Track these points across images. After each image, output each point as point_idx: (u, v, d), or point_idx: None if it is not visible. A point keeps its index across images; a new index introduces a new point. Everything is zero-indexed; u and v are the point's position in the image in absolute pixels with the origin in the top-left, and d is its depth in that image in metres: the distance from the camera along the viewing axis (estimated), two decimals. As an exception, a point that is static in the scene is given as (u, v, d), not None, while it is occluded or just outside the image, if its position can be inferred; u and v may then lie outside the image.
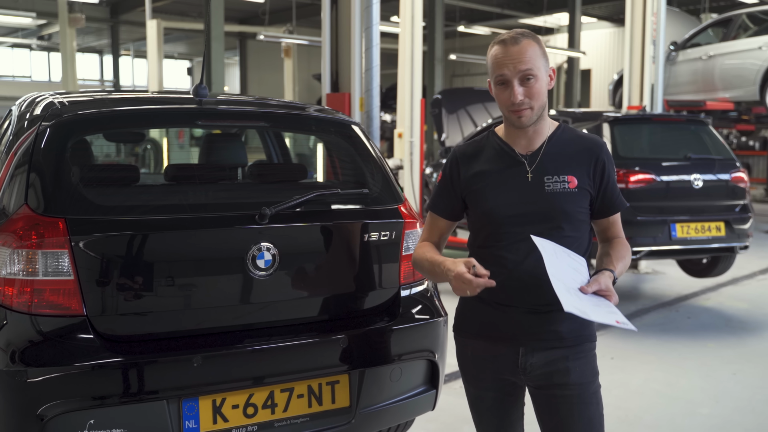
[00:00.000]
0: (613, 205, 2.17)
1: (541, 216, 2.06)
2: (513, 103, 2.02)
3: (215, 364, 2.34)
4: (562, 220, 2.07)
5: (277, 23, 20.26)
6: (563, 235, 2.06)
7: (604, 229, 2.20)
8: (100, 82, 32.72)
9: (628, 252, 2.17)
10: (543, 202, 2.07)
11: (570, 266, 2.00)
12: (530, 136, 2.12)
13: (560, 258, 1.99)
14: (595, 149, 2.13)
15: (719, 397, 4.33)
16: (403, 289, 2.76)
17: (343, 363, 2.54)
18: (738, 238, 6.07)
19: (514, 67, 2.00)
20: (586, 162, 2.10)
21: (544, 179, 2.08)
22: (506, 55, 2.01)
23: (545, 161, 2.10)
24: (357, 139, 2.93)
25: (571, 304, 1.87)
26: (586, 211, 2.13)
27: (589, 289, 1.95)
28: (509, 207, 2.09)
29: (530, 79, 2.01)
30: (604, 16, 23.44)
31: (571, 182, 2.08)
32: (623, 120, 6.33)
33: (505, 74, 2.02)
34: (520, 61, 2.00)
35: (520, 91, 2.01)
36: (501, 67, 2.02)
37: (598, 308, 1.92)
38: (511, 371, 2.13)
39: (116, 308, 2.30)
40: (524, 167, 2.10)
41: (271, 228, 2.45)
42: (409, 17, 6.91)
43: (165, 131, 9.52)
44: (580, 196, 2.09)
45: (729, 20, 10.37)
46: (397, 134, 7.32)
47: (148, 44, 13.80)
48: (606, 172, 2.13)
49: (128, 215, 2.36)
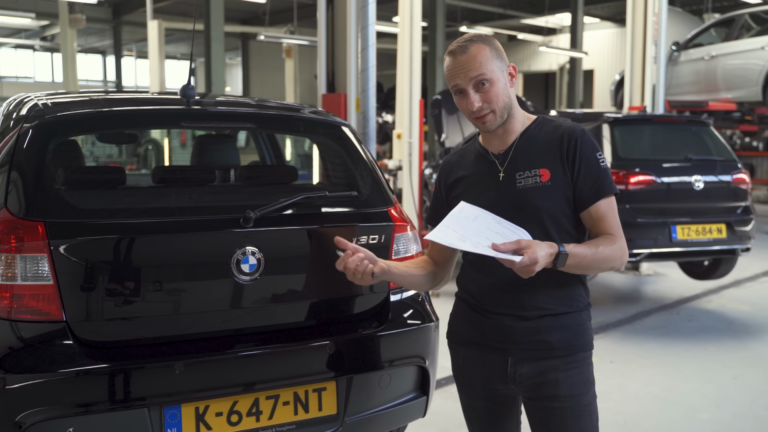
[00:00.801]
0: (591, 192, 1.97)
1: (515, 214, 1.97)
2: (471, 111, 1.98)
3: (198, 370, 2.29)
4: (541, 217, 1.97)
5: (279, 24, 20.26)
6: (544, 232, 1.96)
7: (590, 225, 2.01)
8: (103, 82, 32.76)
9: (609, 245, 1.95)
10: (516, 200, 1.99)
11: (492, 229, 1.86)
12: (501, 136, 2.07)
13: (481, 221, 1.89)
14: (566, 135, 2.00)
15: (720, 402, 4.28)
16: (392, 294, 2.71)
17: (331, 369, 2.49)
18: (739, 240, 6.02)
19: (465, 75, 1.96)
20: (559, 151, 1.99)
21: (515, 176, 2.01)
22: (456, 65, 1.98)
23: (516, 157, 2.03)
24: (347, 141, 2.88)
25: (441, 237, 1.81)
26: (570, 207, 2.01)
27: (503, 247, 1.78)
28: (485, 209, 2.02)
29: (484, 84, 1.97)
30: (606, 16, 23.38)
31: (543, 175, 1.98)
32: (623, 121, 6.28)
33: (458, 84, 1.99)
34: (470, 68, 1.96)
35: (476, 98, 1.97)
36: (454, 78, 1.99)
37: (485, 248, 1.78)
38: (501, 381, 2.08)
39: (97, 314, 2.25)
40: (496, 166, 2.05)
41: (256, 231, 2.40)
42: (408, 17, 6.86)
43: (166, 132, 9.50)
44: (556, 189, 1.97)
45: (731, 20, 10.31)
46: (396, 135, 7.28)
47: (149, 45, 13.78)
48: (578, 156, 1.97)
49: (110, 218, 2.31)
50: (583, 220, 2.03)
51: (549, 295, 2.00)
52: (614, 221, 2.01)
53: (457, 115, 9.29)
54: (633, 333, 5.83)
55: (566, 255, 1.86)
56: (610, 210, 2.01)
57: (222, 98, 3.17)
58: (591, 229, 2.04)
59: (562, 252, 1.85)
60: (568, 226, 2.02)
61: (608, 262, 1.97)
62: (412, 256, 2.75)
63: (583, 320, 2.07)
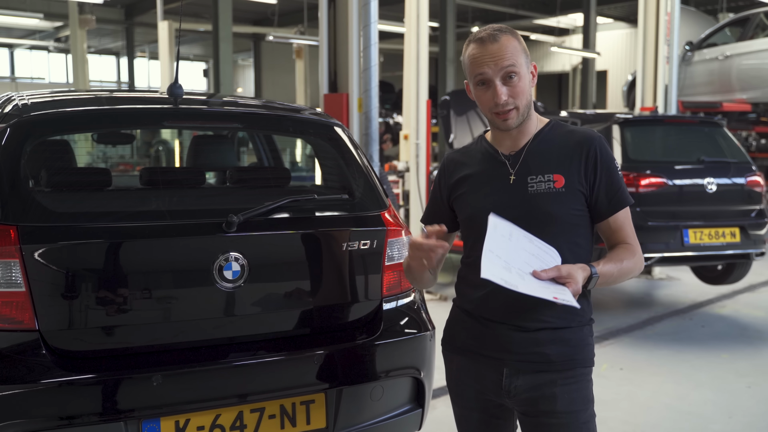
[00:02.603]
0: (610, 204, 1.93)
1: (527, 220, 1.88)
2: (497, 104, 1.87)
3: (178, 381, 2.19)
4: (551, 224, 1.89)
5: (290, 24, 20.22)
6: (556, 242, 1.88)
7: (608, 236, 1.99)
8: (116, 83, 32.93)
9: (631, 258, 1.93)
10: (526, 205, 1.90)
11: (528, 251, 1.79)
12: (515, 136, 1.97)
13: (515, 240, 1.79)
14: (586, 143, 1.92)
15: (732, 412, 4.15)
16: (386, 302, 2.60)
17: (319, 381, 2.39)
18: (754, 244, 5.89)
19: (495, 64, 1.85)
20: (576, 158, 1.91)
21: (527, 180, 1.92)
22: (485, 53, 1.86)
23: (529, 160, 1.93)
24: (339, 142, 2.77)
25: (495, 273, 1.66)
26: (582, 214, 1.93)
27: (545, 275, 1.74)
28: (490, 212, 1.91)
29: (513, 77, 1.86)
30: (619, 16, 23.19)
31: (557, 181, 1.89)
32: (634, 122, 6.16)
33: (485, 73, 1.87)
34: (501, 57, 1.85)
35: (503, 90, 1.86)
36: (481, 66, 1.87)
37: (540, 285, 1.70)
38: (496, 393, 1.98)
39: (72, 322, 2.16)
40: (506, 168, 1.95)
41: (239, 236, 2.30)
42: (414, 16, 6.76)
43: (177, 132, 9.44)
44: (569, 196, 1.89)
45: (746, 19, 10.12)
46: (402, 136, 7.18)
47: (159, 46, 13.78)
48: (599, 167, 1.91)
49: (87, 222, 2.22)
50: (600, 229, 1.98)
51: (551, 308, 1.90)
52: (631, 230, 1.99)
53: (466, 116, 9.17)
54: (644, 339, 5.71)
55: (597, 277, 1.84)
56: (626, 219, 1.98)
57: (211, 98, 3.08)
58: (608, 239, 1.99)
59: (594, 275, 1.83)
60: (577, 234, 1.94)
61: (630, 274, 1.95)
62: None
63: (585, 335, 1.97)
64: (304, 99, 18.00)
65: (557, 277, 1.75)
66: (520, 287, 1.67)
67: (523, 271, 1.73)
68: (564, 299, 1.70)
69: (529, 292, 1.67)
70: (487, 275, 1.65)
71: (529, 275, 1.73)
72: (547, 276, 1.74)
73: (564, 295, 1.71)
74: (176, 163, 9.95)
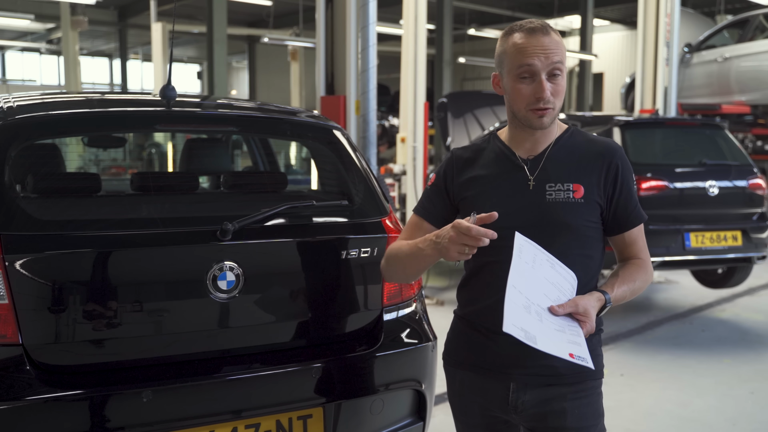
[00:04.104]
0: (627, 220, 1.89)
1: (541, 229, 1.80)
2: (539, 99, 1.77)
3: (170, 397, 2.09)
4: (566, 235, 1.81)
5: (285, 26, 20.13)
6: (568, 252, 1.81)
7: (620, 249, 1.94)
8: (109, 85, 32.79)
9: (643, 275, 1.90)
10: (543, 213, 1.82)
11: (548, 279, 1.74)
12: (537, 139, 1.88)
13: (538, 267, 1.73)
14: (608, 154, 1.85)
15: (736, 420, 4.09)
16: (386, 312, 2.50)
17: (317, 395, 2.29)
18: (755, 247, 5.84)
19: (546, 57, 1.76)
20: (597, 169, 1.84)
21: (545, 187, 1.83)
22: (537, 44, 1.76)
23: (548, 167, 1.85)
24: (338, 146, 2.68)
25: (516, 323, 1.60)
26: (596, 226, 1.86)
27: (561, 311, 1.69)
28: (504, 218, 1.81)
29: (557, 75, 1.78)
30: (616, 18, 23.16)
31: (576, 191, 1.82)
32: (635, 124, 6.11)
33: (534, 65, 1.76)
34: (554, 51, 1.76)
35: (548, 86, 1.77)
36: (529, 56, 1.76)
37: (557, 335, 1.66)
38: (501, 408, 1.89)
39: (57, 336, 2.06)
40: (524, 173, 1.86)
41: (234, 245, 2.21)
42: (413, 18, 6.69)
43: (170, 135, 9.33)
44: (587, 207, 1.82)
45: (745, 21, 10.08)
46: (399, 139, 7.11)
47: (153, 48, 13.71)
48: (619, 181, 1.85)
49: (75, 231, 2.12)
50: (613, 241, 1.93)
51: None
52: (643, 243, 1.95)
53: (463, 119, 9.10)
54: (644, 344, 5.65)
55: (611, 305, 1.82)
56: (640, 233, 1.94)
57: (205, 100, 2.98)
58: (620, 252, 1.95)
59: (608, 304, 1.81)
60: (590, 246, 1.87)
61: (640, 291, 1.91)
62: None
63: (594, 346, 1.89)
64: (299, 101, 17.92)
65: (573, 313, 1.72)
66: (538, 342, 1.62)
67: (541, 307, 1.69)
68: (579, 357, 1.66)
69: (545, 348, 1.63)
70: (509, 329, 1.59)
71: (547, 312, 1.69)
72: (564, 312, 1.71)
73: (579, 350, 1.67)
74: (169, 167, 9.83)
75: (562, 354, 1.63)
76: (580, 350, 1.67)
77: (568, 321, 1.72)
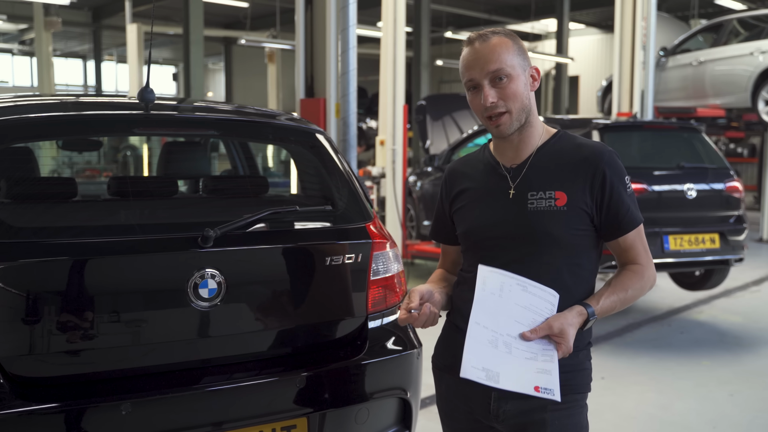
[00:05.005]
0: (619, 225, 1.82)
1: (522, 239, 1.78)
2: (485, 106, 1.78)
3: (149, 410, 2.03)
4: (551, 244, 1.77)
5: (262, 29, 20.00)
6: (554, 262, 1.77)
7: (618, 254, 1.88)
8: (83, 87, 32.36)
9: (638, 283, 1.84)
10: (525, 223, 1.79)
11: (519, 304, 1.71)
12: (517, 147, 1.86)
13: (507, 294, 1.71)
14: (594, 159, 1.80)
15: (717, 422, 4.10)
16: (371, 319, 2.46)
17: (301, 405, 2.24)
18: (733, 250, 5.89)
19: (482, 68, 1.77)
20: (582, 175, 1.80)
21: (527, 196, 1.80)
22: (473, 55, 1.79)
23: (530, 175, 1.82)
24: (321, 150, 2.63)
25: (476, 365, 1.61)
26: (586, 234, 1.81)
27: (534, 336, 1.68)
28: (487, 228, 1.83)
29: (502, 79, 1.77)
30: (592, 22, 23.35)
31: (559, 199, 1.78)
32: (613, 127, 6.14)
33: (474, 78, 1.79)
34: (488, 60, 1.76)
35: (491, 93, 1.76)
36: (469, 70, 1.80)
37: (526, 365, 1.65)
38: (484, 416, 1.87)
39: (32, 347, 1.99)
40: (507, 182, 1.84)
41: (216, 252, 2.15)
42: (392, 20, 6.66)
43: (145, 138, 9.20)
44: (571, 215, 1.78)
45: (720, 25, 10.19)
46: (379, 141, 7.07)
47: (128, 49, 13.54)
48: (608, 186, 1.79)
49: (49, 238, 2.05)
50: (610, 247, 1.88)
51: None
52: (642, 248, 1.88)
53: (442, 122, 9.10)
54: (624, 346, 5.66)
55: (595, 318, 1.77)
56: (638, 237, 1.86)
57: (185, 103, 2.91)
58: (618, 257, 1.89)
59: (591, 318, 1.76)
60: (578, 255, 1.82)
61: (635, 299, 1.86)
62: (392, 276, 2.52)
63: (581, 360, 1.86)
64: (276, 104, 17.81)
65: (550, 335, 1.70)
66: (501, 381, 1.62)
67: (511, 336, 1.67)
68: (546, 389, 1.64)
69: (509, 387, 1.62)
70: (467, 373, 1.61)
71: (518, 341, 1.67)
72: (537, 336, 1.69)
73: (548, 382, 1.65)
74: (145, 170, 9.69)
75: (526, 390, 1.63)
76: (548, 380, 1.65)
77: (543, 344, 1.69)
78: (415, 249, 7.72)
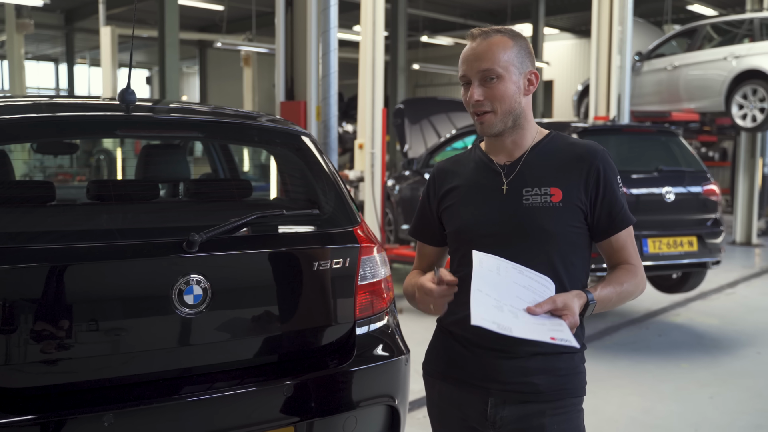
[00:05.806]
0: (613, 223, 1.81)
1: (518, 235, 1.77)
2: (469, 103, 1.79)
3: (133, 421, 1.97)
4: (546, 240, 1.76)
5: (237, 32, 19.86)
6: (548, 259, 1.76)
7: (609, 255, 1.86)
8: (55, 90, 31.88)
9: (632, 279, 1.81)
10: (519, 219, 1.77)
11: (518, 283, 1.67)
12: (509, 147, 1.85)
13: (504, 274, 1.67)
14: (588, 156, 1.80)
15: (698, 425, 4.13)
16: (358, 326, 2.42)
17: (288, 413, 2.19)
18: (710, 253, 5.95)
19: (473, 66, 1.78)
20: (577, 172, 1.79)
21: (522, 192, 1.79)
22: (469, 52, 1.80)
23: (525, 171, 1.81)
24: (307, 152, 2.58)
25: (486, 316, 1.54)
26: (579, 232, 1.80)
27: (539, 310, 1.61)
28: (482, 225, 1.81)
29: (492, 80, 1.76)
30: (566, 27, 23.56)
31: (554, 195, 1.77)
32: (591, 131, 6.17)
33: (465, 73, 1.80)
34: (482, 59, 1.77)
35: (478, 91, 1.77)
36: (463, 65, 1.81)
37: (536, 325, 1.58)
38: (479, 422, 1.84)
39: (9, 357, 1.92)
40: (500, 178, 1.82)
41: (201, 257, 2.10)
42: (371, 24, 6.63)
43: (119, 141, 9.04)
44: (567, 212, 1.77)
45: (694, 31, 10.31)
46: (357, 145, 7.03)
47: (101, 52, 13.31)
48: (602, 183, 1.78)
49: (27, 243, 1.98)
50: (601, 248, 1.86)
51: None
52: (633, 249, 1.86)
53: (419, 125, 9.07)
54: (603, 350, 5.68)
55: (595, 304, 1.72)
56: (629, 238, 1.84)
57: (167, 105, 2.84)
58: (609, 258, 1.87)
59: (591, 303, 1.71)
60: (573, 252, 1.81)
61: (630, 296, 1.83)
62: (379, 281, 2.48)
63: (576, 363, 1.84)
64: (252, 107, 17.69)
65: (553, 310, 1.63)
66: (514, 330, 1.55)
67: (515, 307, 1.61)
68: (562, 339, 1.57)
69: (523, 335, 1.55)
70: (478, 321, 1.53)
71: (523, 311, 1.61)
72: (542, 310, 1.62)
73: (561, 334, 1.59)
74: (118, 174, 9.53)
75: (542, 338, 1.56)
76: (563, 334, 1.59)
77: (549, 317, 1.63)
78: (393, 253, 7.69)
